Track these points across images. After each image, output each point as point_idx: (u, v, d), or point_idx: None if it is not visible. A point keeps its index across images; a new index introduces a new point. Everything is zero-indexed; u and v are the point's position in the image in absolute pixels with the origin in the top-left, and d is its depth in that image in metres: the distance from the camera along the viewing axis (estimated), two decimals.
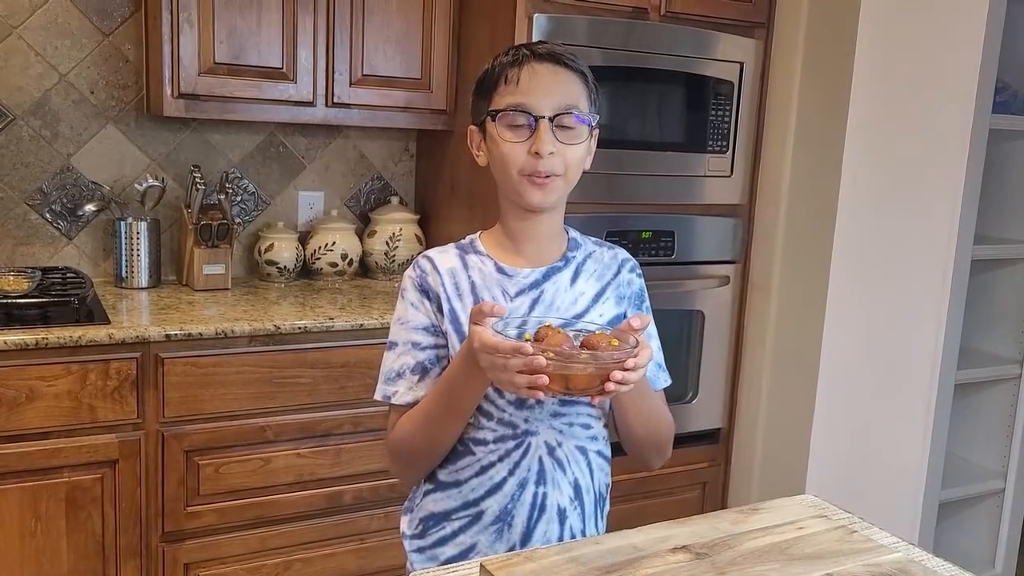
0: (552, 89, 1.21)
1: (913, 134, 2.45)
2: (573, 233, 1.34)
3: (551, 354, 1.02)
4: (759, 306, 2.75)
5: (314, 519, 2.23)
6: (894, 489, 2.59)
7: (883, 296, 2.53)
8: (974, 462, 2.92)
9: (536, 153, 1.19)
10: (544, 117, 1.20)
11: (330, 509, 2.24)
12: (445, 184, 2.70)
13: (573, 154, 1.22)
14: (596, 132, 1.27)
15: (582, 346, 1.08)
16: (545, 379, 1.02)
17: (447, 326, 1.25)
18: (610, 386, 1.04)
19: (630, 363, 1.04)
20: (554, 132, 1.20)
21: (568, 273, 1.29)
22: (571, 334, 1.12)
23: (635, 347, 1.06)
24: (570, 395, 1.09)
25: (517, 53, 1.23)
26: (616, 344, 1.07)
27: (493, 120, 1.23)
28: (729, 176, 2.66)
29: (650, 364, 1.17)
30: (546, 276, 1.28)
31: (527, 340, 1.06)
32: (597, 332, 1.11)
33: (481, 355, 1.07)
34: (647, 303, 1.35)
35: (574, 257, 1.31)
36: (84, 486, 1.98)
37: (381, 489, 2.27)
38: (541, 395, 1.04)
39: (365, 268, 2.77)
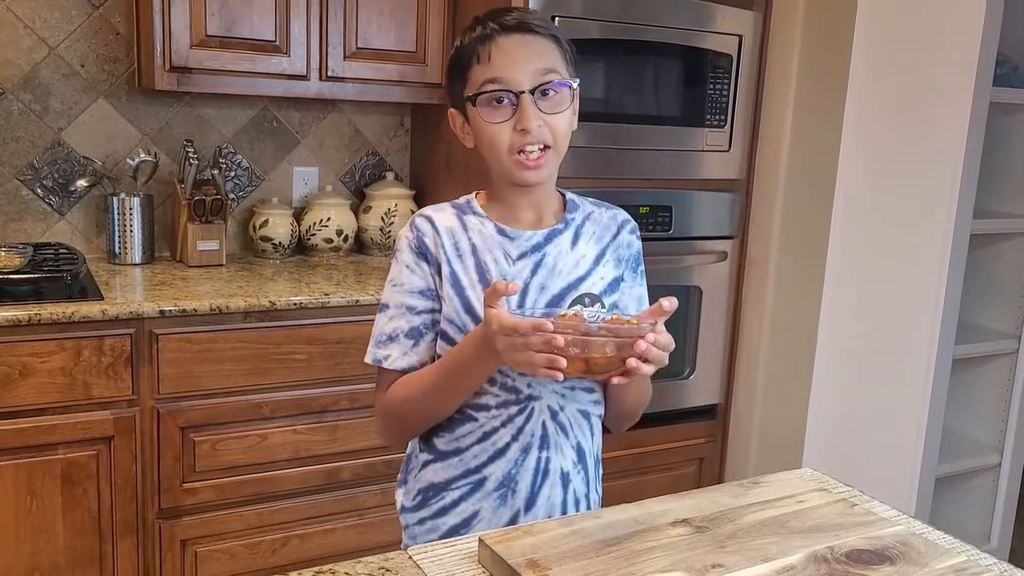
0: (526, 60, 1.18)
1: (913, 108, 2.43)
2: (570, 195, 1.32)
3: (570, 332, 1.02)
4: (757, 282, 2.74)
5: (312, 495, 2.23)
6: (891, 464, 2.60)
7: (881, 271, 2.52)
8: (971, 437, 2.92)
9: (523, 129, 1.17)
10: (524, 92, 1.17)
11: (328, 485, 2.24)
12: (440, 159, 2.68)
13: (559, 123, 1.20)
14: (577, 91, 1.24)
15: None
16: (563, 362, 1.01)
17: (447, 289, 1.23)
18: (631, 362, 1.03)
19: (650, 336, 1.04)
20: (537, 104, 1.17)
21: (568, 235, 1.27)
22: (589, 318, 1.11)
23: (653, 325, 1.06)
24: (590, 376, 1.09)
25: (484, 28, 1.19)
26: (634, 323, 1.06)
27: (473, 104, 1.20)
28: (727, 151, 2.64)
29: None
30: (547, 239, 1.26)
31: None
32: (615, 316, 1.10)
33: (499, 337, 1.06)
34: (642, 267, 1.34)
35: (573, 219, 1.29)
36: (80, 463, 1.97)
37: (378, 465, 2.27)
38: (560, 376, 1.03)
39: (361, 244, 2.75)
